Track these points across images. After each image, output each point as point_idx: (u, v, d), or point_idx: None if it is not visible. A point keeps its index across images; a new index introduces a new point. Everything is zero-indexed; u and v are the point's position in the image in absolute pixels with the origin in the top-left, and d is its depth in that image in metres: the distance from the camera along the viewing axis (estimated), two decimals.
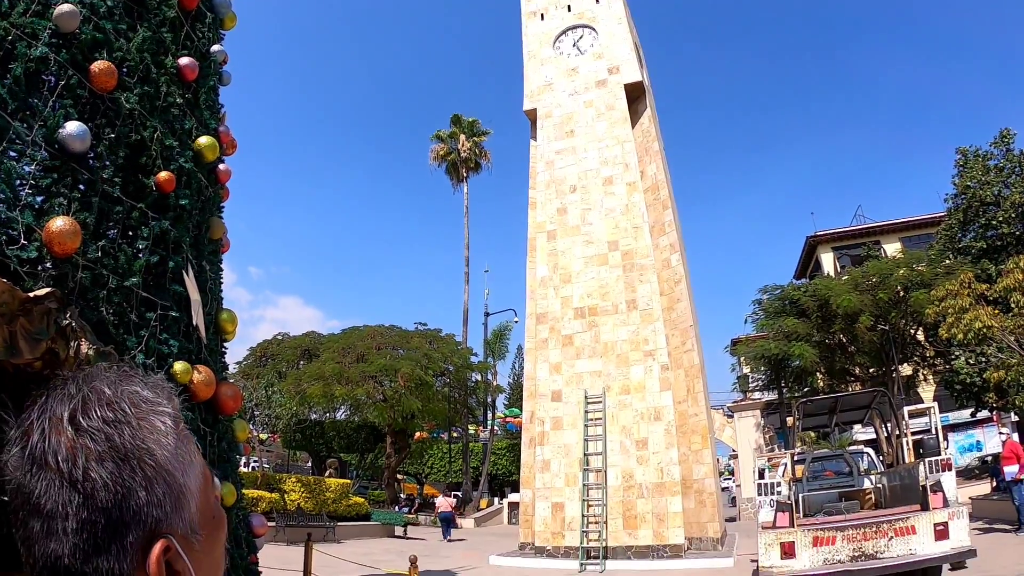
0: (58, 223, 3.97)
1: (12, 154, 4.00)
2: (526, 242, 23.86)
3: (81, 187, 4.30)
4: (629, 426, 19.38)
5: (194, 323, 5.30)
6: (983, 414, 32.22)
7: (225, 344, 6.31)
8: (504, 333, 42.39)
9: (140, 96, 4.83)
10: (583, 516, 18.57)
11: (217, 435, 5.54)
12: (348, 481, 31.73)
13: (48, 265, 4.03)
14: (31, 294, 3.88)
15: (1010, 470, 16.55)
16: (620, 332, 20.28)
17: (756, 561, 10.85)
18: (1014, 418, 30.08)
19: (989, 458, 35.37)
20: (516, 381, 67.40)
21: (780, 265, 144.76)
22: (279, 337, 45.27)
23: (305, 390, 32.84)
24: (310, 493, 25.32)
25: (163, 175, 4.84)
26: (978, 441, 44.77)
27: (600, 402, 19.63)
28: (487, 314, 44.60)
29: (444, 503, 31.62)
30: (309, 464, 51.62)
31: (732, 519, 33.49)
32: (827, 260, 52.02)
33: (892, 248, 45.36)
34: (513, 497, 36.74)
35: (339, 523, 24.68)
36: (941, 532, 9.77)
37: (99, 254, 4.40)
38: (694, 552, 18.92)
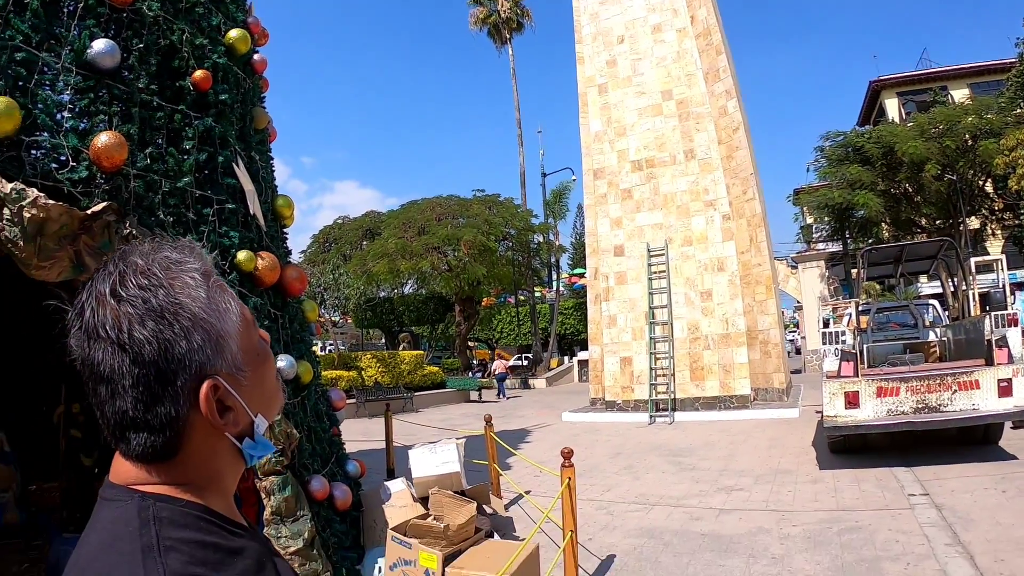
0: (102, 139, 4.11)
1: (46, 85, 4.15)
2: (577, 99, 23.36)
3: (119, 101, 4.42)
4: (693, 278, 19.35)
5: (251, 212, 5.47)
6: None
7: (285, 229, 6.51)
8: (563, 192, 41.88)
9: (161, 1, 4.88)
10: (651, 369, 18.85)
11: (288, 317, 5.79)
12: (421, 352, 32.44)
13: (101, 180, 4.20)
14: (88, 211, 4.07)
15: None
16: (679, 183, 19.99)
17: (820, 412, 10.92)
18: None
19: None
20: (578, 240, 67.41)
21: (843, 111, 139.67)
22: (339, 221, 45.60)
23: (371, 269, 33.26)
24: (386, 368, 25.99)
25: (198, 74, 4.94)
26: None
27: (663, 254, 19.57)
28: (544, 175, 44.22)
29: (499, 365, 33.20)
30: (382, 341, 52.69)
31: (797, 371, 33.22)
32: (891, 106, 50.02)
33: (960, 94, 43.20)
34: (582, 355, 37.34)
35: (416, 393, 25.48)
36: (1005, 388, 9.62)
37: (148, 161, 4.57)
38: (760, 402, 19.19)
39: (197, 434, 0.98)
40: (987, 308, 11.21)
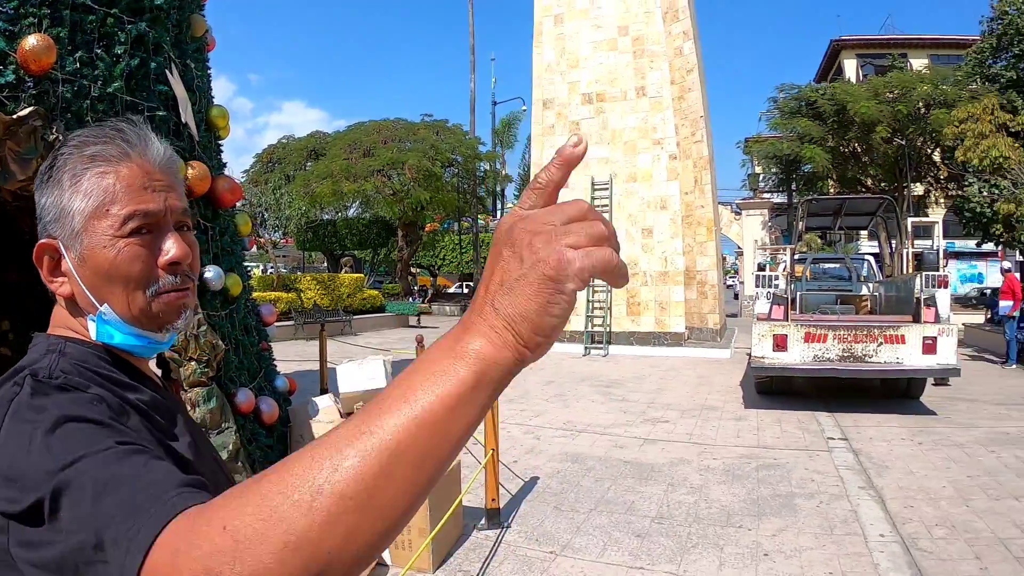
0: (31, 42, 4.04)
1: None
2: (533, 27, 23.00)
3: (49, 4, 4.32)
4: (635, 214, 19.49)
5: (183, 121, 5.35)
6: (988, 246, 31.40)
7: (220, 141, 6.36)
8: (513, 122, 41.41)
9: None
10: (588, 302, 19.10)
11: (219, 229, 5.71)
12: (361, 275, 32.21)
13: (29, 85, 4.11)
14: (14, 116, 3.97)
15: (1004, 305, 16.67)
16: (628, 119, 19.97)
17: (750, 353, 11.20)
18: (1019, 257, 30.08)
19: (988, 291, 34.89)
20: (526, 172, 67.05)
21: (801, 66, 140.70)
22: (284, 141, 43.93)
23: (314, 190, 32.55)
24: (325, 290, 25.84)
25: None
26: (980, 273, 46.36)
27: (607, 189, 19.62)
28: (494, 103, 43.40)
29: None
30: (324, 264, 52.03)
31: (734, 315, 34.05)
32: (850, 67, 50.64)
33: (919, 63, 43.41)
34: None
35: (355, 317, 25.36)
36: (929, 346, 10.08)
37: (77, 66, 4.46)
38: (693, 341, 19.62)
39: None
40: (919, 267, 11.64)
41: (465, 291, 43.30)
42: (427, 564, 4.74)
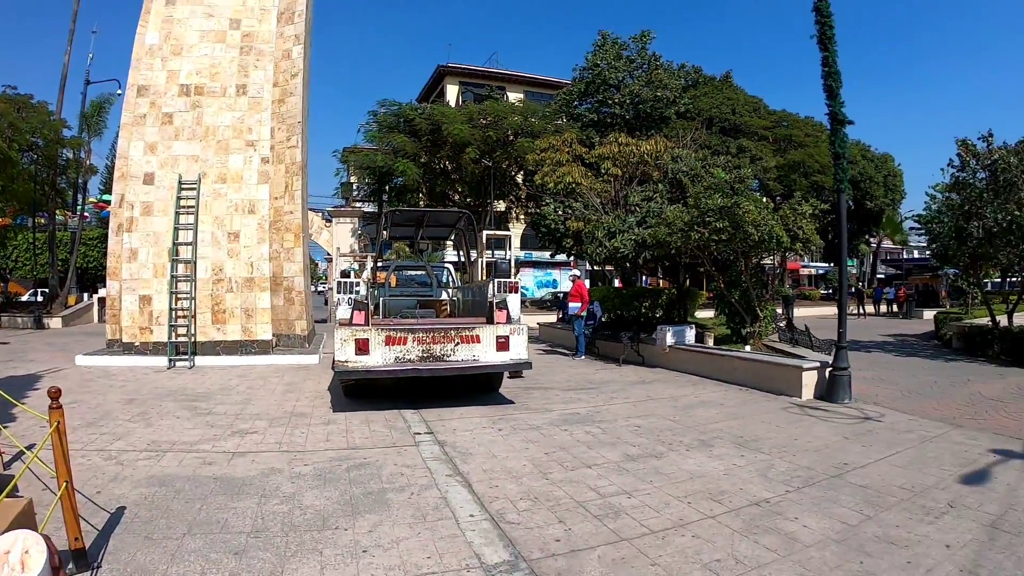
0: None
1: None
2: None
3: None
4: (222, 217, 18.89)
5: None
6: (561, 257, 36.44)
7: None
8: (104, 106, 37.56)
9: None
10: (171, 310, 18.17)
11: None
12: None
13: None
14: None
15: (573, 306, 20.13)
16: (224, 117, 19.35)
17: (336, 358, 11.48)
18: (587, 266, 34.83)
19: (561, 294, 41.21)
20: (113, 164, 62.59)
21: (408, 86, 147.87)
22: None
23: None
24: None
25: None
26: (554, 279, 55.04)
27: (195, 189, 18.76)
28: (87, 82, 39.45)
29: None
30: None
31: (323, 320, 35.13)
32: (452, 92, 54.83)
33: (515, 97, 49.42)
34: (103, 292, 34.75)
35: None
36: (503, 344, 11.35)
37: None
38: (282, 348, 19.83)
39: None
40: (494, 275, 12.75)
41: (40, 299, 39.09)
42: None
